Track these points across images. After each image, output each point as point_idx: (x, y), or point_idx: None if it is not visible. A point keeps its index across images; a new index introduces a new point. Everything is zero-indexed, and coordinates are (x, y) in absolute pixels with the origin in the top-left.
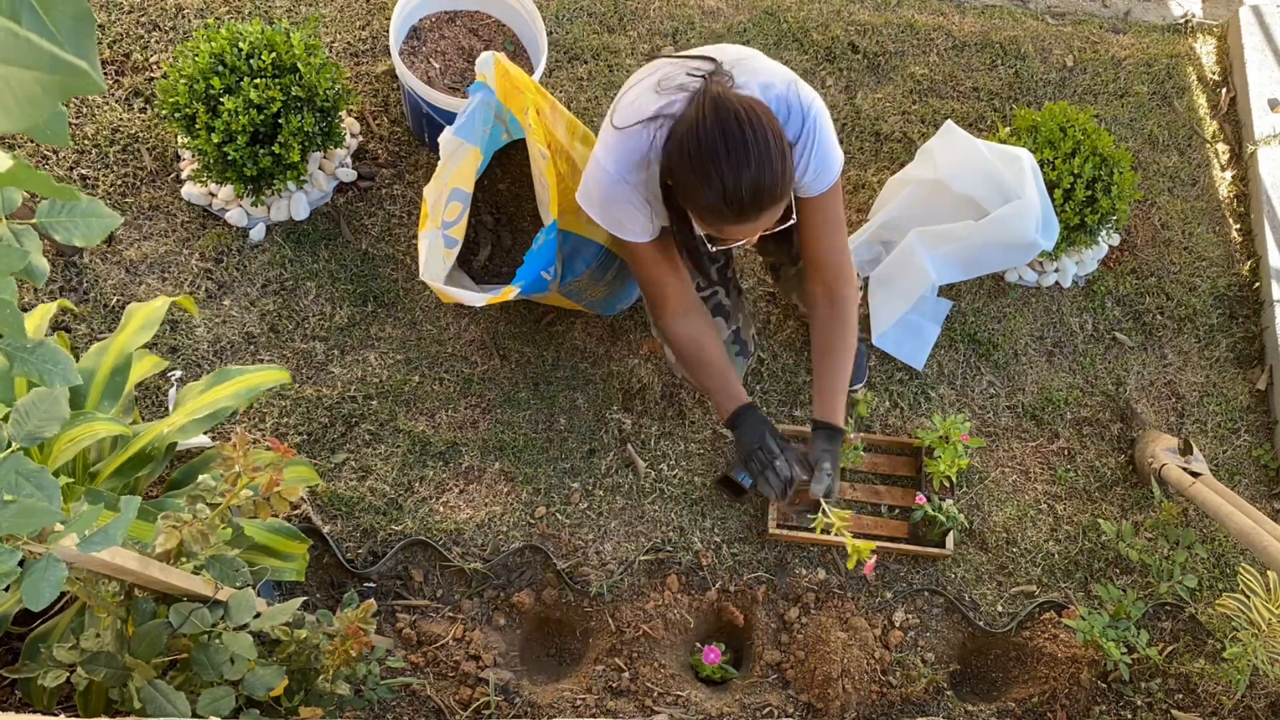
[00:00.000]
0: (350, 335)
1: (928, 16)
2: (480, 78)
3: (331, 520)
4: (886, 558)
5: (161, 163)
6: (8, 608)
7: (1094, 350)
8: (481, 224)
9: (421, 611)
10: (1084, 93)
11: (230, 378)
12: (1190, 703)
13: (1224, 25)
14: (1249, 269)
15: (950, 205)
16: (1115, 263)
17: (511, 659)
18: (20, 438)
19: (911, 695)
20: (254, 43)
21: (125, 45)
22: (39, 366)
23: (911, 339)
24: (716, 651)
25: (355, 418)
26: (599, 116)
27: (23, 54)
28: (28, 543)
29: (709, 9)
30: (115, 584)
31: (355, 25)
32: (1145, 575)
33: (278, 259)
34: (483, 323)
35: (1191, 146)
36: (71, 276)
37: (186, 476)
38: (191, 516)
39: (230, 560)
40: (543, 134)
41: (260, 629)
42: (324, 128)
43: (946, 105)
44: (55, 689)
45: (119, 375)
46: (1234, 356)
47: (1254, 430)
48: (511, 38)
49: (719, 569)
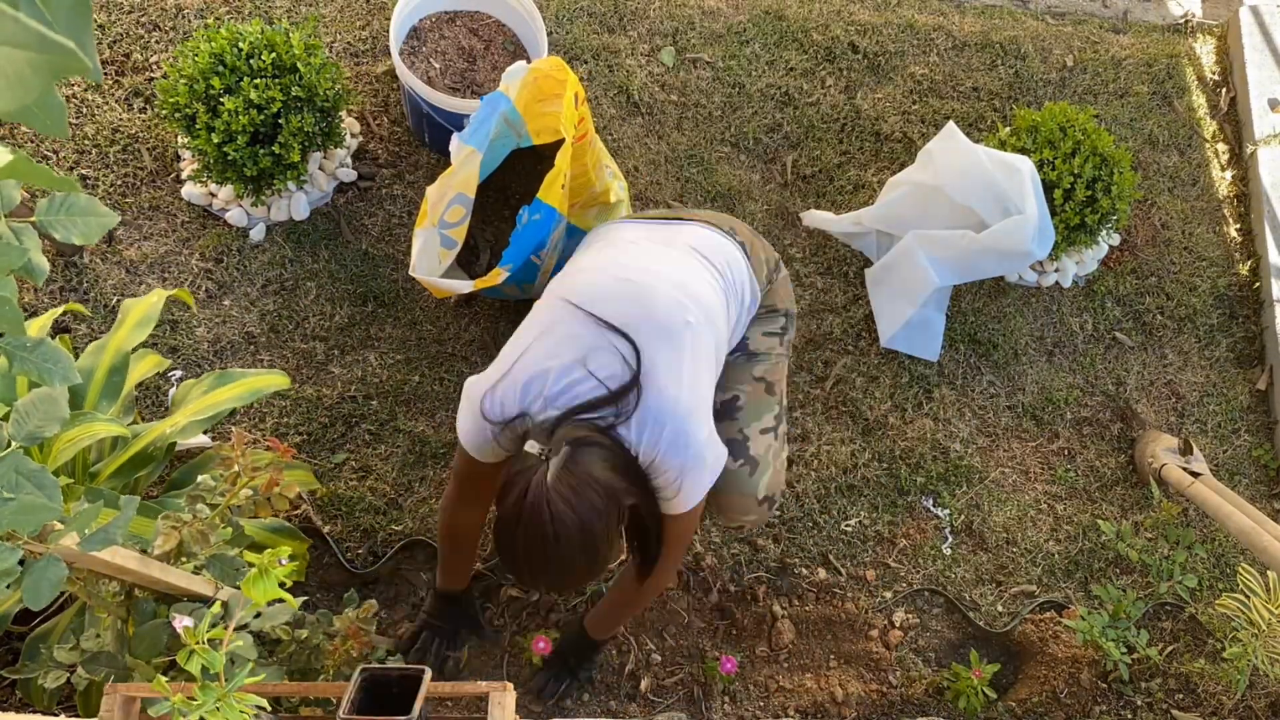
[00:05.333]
0: (350, 335)
1: (928, 16)
2: (503, 88)
3: (331, 520)
4: (887, 556)
5: (161, 163)
6: (8, 607)
7: (1094, 350)
8: (481, 231)
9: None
10: (1084, 93)
11: (232, 380)
12: (1190, 703)
13: (1224, 25)
14: (1249, 269)
15: (949, 212)
16: (1115, 263)
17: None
18: (20, 437)
19: (912, 695)
20: (254, 43)
21: (125, 45)
22: (38, 365)
23: (921, 334)
24: (733, 661)
25: (355, 418)
26: (599, 117)
27: (12, 34)
28: (28, 542)
29: (709, 9)
30: (115, 584)
31: (355, 25)
32: (1145, 575)
33: (278, 259)
34: (483, 323)
35: (1191, 146)
36: (72, 276)
37: (186, 476)
38: (191, 516)
39: (230, 560)
40: (574, 120)
41: (260, 629)
42: (324, 128)
43: (946, 105)
44: (55, 689)
45: (117, 374)
46: (1234, 356)
47: (1254, 430)
48: (511, 38)
49: (720, 569)
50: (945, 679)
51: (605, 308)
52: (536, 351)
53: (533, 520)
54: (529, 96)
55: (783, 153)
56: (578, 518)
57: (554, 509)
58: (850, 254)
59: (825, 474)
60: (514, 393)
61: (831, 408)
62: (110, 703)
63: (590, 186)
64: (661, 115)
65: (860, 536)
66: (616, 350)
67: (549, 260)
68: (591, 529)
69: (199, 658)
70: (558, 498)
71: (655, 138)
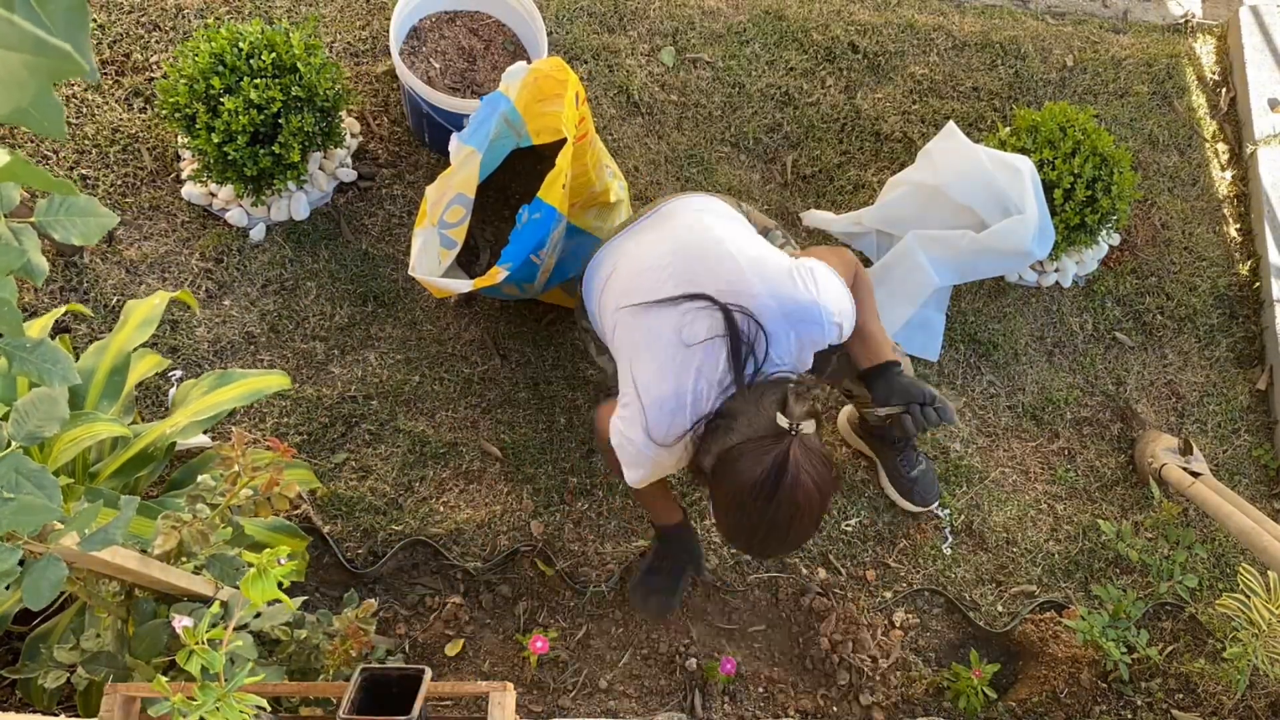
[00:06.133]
0: (350, 335)
1: (928, 16)
2: (503, 88)
3: (331, 520)
4: (887, 556)
5: (161, 163)
6: (8, 607)
7: (1094, 350)
8: (481, 231)
9: (422, 611)
10: (1084, 93)
11: (232, 380)
12: (1190, 703)
13: (1224, 25)
14: (1249, 269)
15: (949, 212)
16: (1115, 263)
17: None
18: (20, 437)
19: (912, 695)
20: (254, 43)
21: (125, 45)
22: (38, 365)
23: (921, 333)
24: (733, 661)
25: (355, 418)
26: (599, 117)
27: (8, 37)
28: (28, 542)
29: (709, 9)
30: (115, 584)
31: (355, 25)
32: (1145, 575)
33: (278, 259)
34: (483, 323)
35: (1191, 146)
36: (72, 277)
37: (186, 476)
38: (191, 516)
39: (230, 559)
40: (574, 120)
41: (260, 629)
42: (324, 128)
43: (946, 105)
44: (55, 689)
45: (118, 375)
46: (1234, 356)
47: (1254, 430)
48: (511, 38)
49: (721, 569)
50: (945, 679)
51: (654, 286)
52: (647, 370)
53: (790, 498)
54: (529, 96)
55: (783, 153)
56: (820, 495)
57: (806, 487)
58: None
59: None
60: (670, 415)
61: (832, 408)
62: (110, 703)
63: (590, 186)
64: (661, 115)
65: (860, 536)
66: (696, 311)
67: (548, 260)
68: (828, 500)
69: (199, 658)
70: (808, 477)
71: (655, 138)
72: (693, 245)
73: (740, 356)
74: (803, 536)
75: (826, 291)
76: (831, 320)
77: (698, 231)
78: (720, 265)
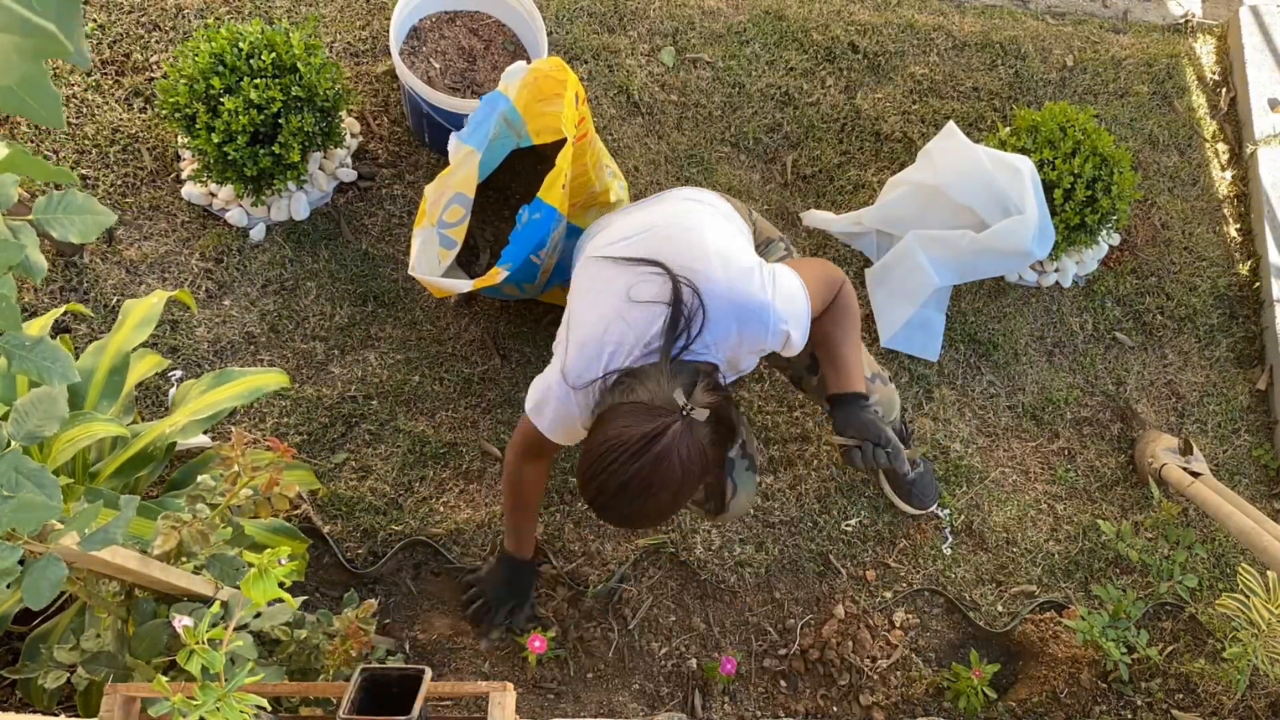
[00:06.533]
0: (350, 335)
1: (928, 16)
2: (502, 88)
3: (331, 520)
4: (887, 556)
5: (161, 163)
6: (8, 607)
7: (1094, 350)
8: (481, 231)
9: (421, 611)
10: (1084, 93)
11: (231, 379)
12: (1190, 703)
13: (1224, 25)
14: (1249, 269)
15: (950, 213)
16: (1115, 263)
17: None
18: (20, 436)
19: (912, 695)
20: (254, 43)
21: (125, 45)
22: (37, 364)
23: (921, 333)
24: (733, 661)
25: (355, 418)
26: (599, 117)
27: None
28: (28, 542)
29: (709, 9)
30: (115, 584)
31: (355, 25)
32: (1145, 575)
33: (278, 259)
34: (483, 323)
35: (1191, 146)
36: (72, 276)
37: (186, 476)
38: (191, 516)
39: (230, 559)
40: (574, 120)
41: (260, 629)
42: (324, 128)
43: (946, 105)
44: (55, 689)
45: (117, 374)
46: (1234, 356)
47: (1254, 430)
48: (511, 38)
49: (722, 570)
50: (945, 679)
51: (623, 249)
52: (583, 311)
53: (652, 468)
54: (529, 96)
55: (783, 153)
56: (682, 478)
57: (670, 465)
58: (850, 254)
59: (825, 474)
60: (587, 358)
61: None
62: (110, 703)
63: (590, 186)
64: (661, 115)
65: (860, 536)
66: (650, 275)
67: (549, 260)
68: (689, 488)
69: (199, 658)
70: (677, 458)
71: (655, 138)
72: (670, 225)
73: (676, 328)
74: (651, 514)
75: (783, 296)
76: (779, 324)
77: (680, 215)
78: (689, 248)
